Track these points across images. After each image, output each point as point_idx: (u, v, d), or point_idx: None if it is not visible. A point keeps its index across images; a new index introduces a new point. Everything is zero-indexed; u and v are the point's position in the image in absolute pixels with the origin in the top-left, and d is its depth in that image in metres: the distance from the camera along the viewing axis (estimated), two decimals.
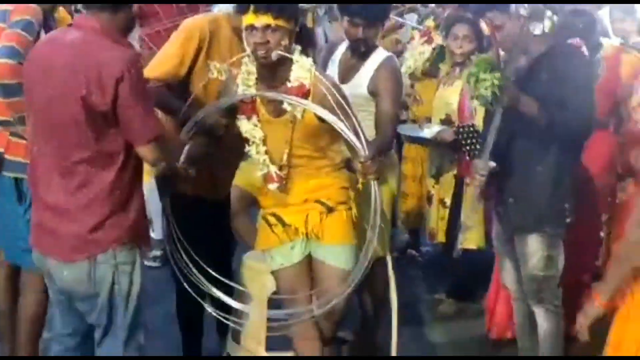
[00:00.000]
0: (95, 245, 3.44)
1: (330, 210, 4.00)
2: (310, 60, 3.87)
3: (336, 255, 4.04)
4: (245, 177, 4.65)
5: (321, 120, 3.79)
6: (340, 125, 3.68)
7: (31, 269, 4.06)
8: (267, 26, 3.69)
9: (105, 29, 3.35)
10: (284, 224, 4.03)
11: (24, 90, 3.57)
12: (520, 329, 4.63)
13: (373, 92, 4.50)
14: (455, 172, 5.52)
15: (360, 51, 4.57)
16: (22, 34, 3.98)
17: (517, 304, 4.59)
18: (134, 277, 3.55)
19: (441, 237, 5.60)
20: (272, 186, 3.96)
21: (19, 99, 3.85)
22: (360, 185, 3.98)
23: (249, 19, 3.71)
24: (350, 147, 3.83)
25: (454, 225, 5.47)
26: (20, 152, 4.10)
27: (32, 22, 4.05)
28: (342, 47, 4.73)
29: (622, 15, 6.08)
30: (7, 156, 4.14)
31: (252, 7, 3.69)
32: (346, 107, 3.72)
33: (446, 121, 5.49)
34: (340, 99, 3.73)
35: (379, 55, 4.58)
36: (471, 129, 5.31)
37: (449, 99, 5.49)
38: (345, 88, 4.24)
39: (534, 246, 4.27)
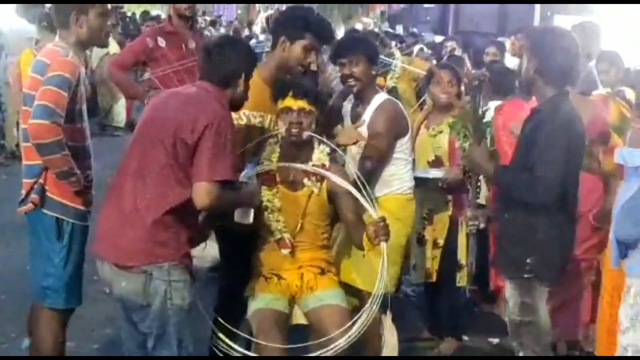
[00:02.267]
0: (150, 257, 3.81)
1: (322, 272, 4.48)
2: (327, 147, 4.50)
3: (332, 296, 4.44)
4: None
5: (329, 199, 4.44)
6: (356, 194, 4.23)
7: (50, 308, 4.35)
8: (302, 109, 4.31)
9: (214, 94, 3.94)
10: (279, 278, 4.44)
11: (141, 121, 4.03)
12: None
13: (368, 130, 4.83)
14: (449, 212, 5.60)
15: (357, 94, 4.93)
16: (56, 91, 4.06)
17: None
18: (185, 292, 3.89)
19: (433, 277, 5.70)
20: (285, 251, 4.46)
21: (55, 156, 4.08)
22: (366, 249, 4.30)
23: (288, 102, 4.34)
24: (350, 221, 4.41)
25: (447, 265, 5.60)
26: (61, 192, 4.26)
27: (67, 78, 4.11)
28: (350, 98, 5.09)
29: (607, 67, 6.25)
30: (49, 194, 4.26)
31: (290, 92, 4.35)
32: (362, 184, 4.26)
33: (436, 163, 5.61)
34: (353, 176, 4.37)
35: (380, 98, 4.91)
36: None
37: (438, 142, 5.62)
38: None
39: (510, 291, 4.43)
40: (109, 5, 4.44)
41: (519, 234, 4.29)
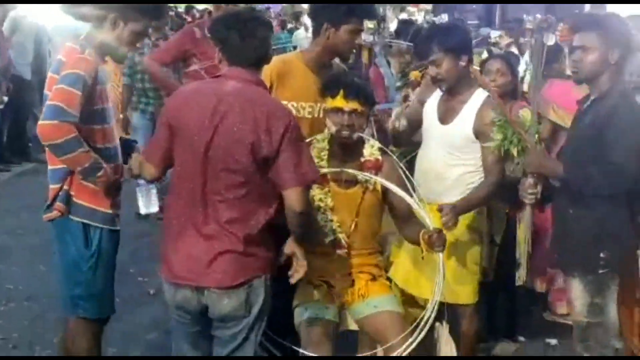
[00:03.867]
0: (253, 271, 3.75)
1: (374, 277, 4.32)
2: (377, 142, 4.34)
3: (386, 302, 4.28)
4: None
5: (384, 199, 4.25)
6: (409, 199, 4.04)
7: (82, 318, 4.14)
8: (354, 110, 4.08)
9: (257, 82, 3.76)
10: (329, 285, 4.29)
11: (174, 128, 3.76)
12: None
13: (478, 134, 4.50)
14: (506, 209, 5.37)
15: (449, 90, 4.59)
16: (68, 90, 3.78)
17: None
18: (270, 299, 3.85)
19: (490, 276, 5.48)
20: (341, 252, 4.25)
21: (73, 154, 3.82)
22: (423, 255, 4.17)
23: (338, 102, 4.11)
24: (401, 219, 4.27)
25: (504, 263, 5.37)
26: (87, 197, 4.04)
27: (82, 75, 3.83)
28: (438, 92, 4.74)
29: None
30: (75, 199, 4.05)
31: (341, 91, 4.10)
32: (410, 181, 4.13)
33: None
34: (403, 174, 4.16)
35: (479, 95, 4.56)
36: None
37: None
38: (445, 129, 4.57)
39: (577, 292, 4.18)
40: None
41: (589, 228, 4.09)
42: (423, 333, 4.00)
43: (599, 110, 4.05)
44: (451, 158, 4.56)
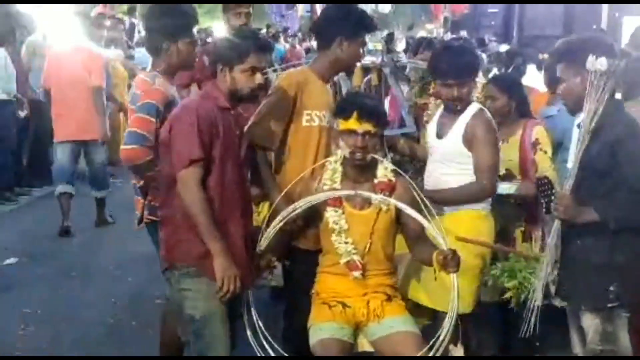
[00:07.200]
0: (165, 261, 4.03)
1: (389, 298, 4.30)
2: (391, 164, 4.36)
3: (403, 322, 4.26)
4: None
5: (397, 220, 4.26)
6: (422, 220, 3.98)
7: None
8: (368, 132, 4.09)
9: (204, 89, 4.23)
10: (344, 305, 4.27)
11: None
12: None
13: (468, 143, 4.58)
14: (522, 228, 5.36)
15: (456, 109, 4.67)
16: (144, 118, 4.39)
17: None
18: (198, 303, 3.93)
19: (507, 294, 5.43)
20: (356, 273, 4.24)
21: (151, 174, 4.41)
22: (436, 275, 4.24)
23: (352, 124, 4.12)
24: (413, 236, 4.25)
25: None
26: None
27: (154, 104, 4.42)
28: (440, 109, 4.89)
29: None
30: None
31: (355, 113, 4.11)
32: (425, 202, 4.06)
33: (507, 176, 5.30)
34: (417, 194, 4.12)
35: (472, 108, 4.67)
36: (545, 180, 5.23)
37: (508, 155, 5.28)
38: (441, 143, 4.66)
39: (589, 320, 4.10)
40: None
41: (598, 260, 4.00)
42: (438, 353, 3.98)
43: (603, 141, 3.92)
44: (448, 168, 4.62)
